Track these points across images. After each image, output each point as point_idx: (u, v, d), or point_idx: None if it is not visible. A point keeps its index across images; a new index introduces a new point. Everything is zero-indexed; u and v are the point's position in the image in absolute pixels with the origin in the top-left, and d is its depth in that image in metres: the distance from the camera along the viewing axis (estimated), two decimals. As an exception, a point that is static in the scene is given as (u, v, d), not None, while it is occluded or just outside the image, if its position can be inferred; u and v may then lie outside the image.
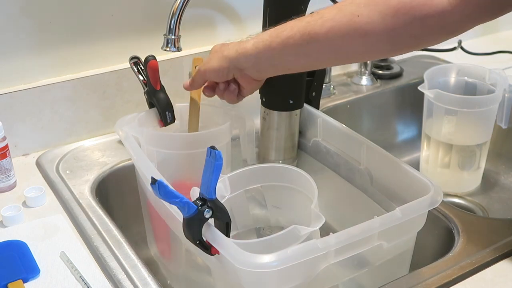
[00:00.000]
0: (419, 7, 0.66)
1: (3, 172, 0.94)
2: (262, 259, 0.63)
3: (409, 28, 0.68)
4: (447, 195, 1.17)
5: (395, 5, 0.67)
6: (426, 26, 0.68)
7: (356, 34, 0.71)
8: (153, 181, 0.62)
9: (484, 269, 0.81)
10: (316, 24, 0.73)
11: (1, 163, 0.93)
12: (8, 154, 0.95)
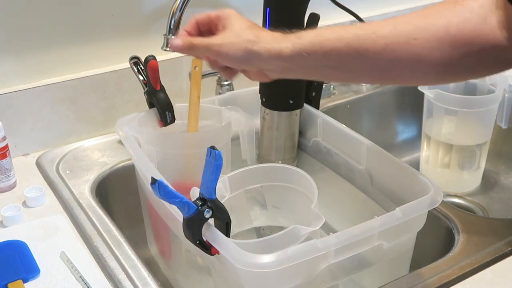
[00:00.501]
0: (477, 39, 0.63)
1: (3, 172, 0.94)
2: (262, 259, 0.63)
3: (465, 60, 0.65)
4: (447, 195, 1.18)
5: (455, 34, 0.64)
6: (481, 59, 0.65)
7: (409, 58, 0.66)
8: (153, 181, 0.62)
9: (484, 269, 0.81)
10: (367, 40, 0.66)
11: (1, 163, 0.93)
12: (8, 154, 0.94)
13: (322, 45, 0.68)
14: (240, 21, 0.73)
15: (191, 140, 0.93)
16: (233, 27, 0.72)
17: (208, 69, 1.13)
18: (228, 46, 0.71)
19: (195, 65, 0.94)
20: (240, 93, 1.08)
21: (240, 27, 0.72)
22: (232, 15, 0.74)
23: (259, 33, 0.71)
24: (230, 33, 0.72)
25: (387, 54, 0.66)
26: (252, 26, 0.73)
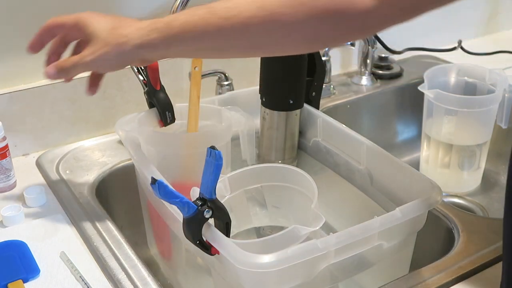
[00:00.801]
0: (343, 9, 0.64)
1: (3, 172, 0.94)
2: (262, 259, 0.63)
3: (333, 30, 0.67)
4: (447, 195, 1.18)
5: (322, 6, 0.65)
6: (350, 28, 0.66)
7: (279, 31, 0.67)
8: (153, 181, 0.62)
9: (484, 269, 0.81)
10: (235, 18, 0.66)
11: (1, 163, 0.93)
12: (8, 154, 0.94)
13: (193, 30, 0.68)
14: (102, 23, 0.74)
15: (191, 140, 0.93)
16: (98, 34, 0.73)
17: (208, 69, 1.14)
18: (102, 56, 0.72)
19: (195, 65, 0.94)
20: (240, 93, 1.08)
21: (104, 30, 0.73)
22: (89, 20, 0.75)
23: (125, 29, 0.72)
24: (97, 41, 0.73)
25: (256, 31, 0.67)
26: (115, 23, 0.73)
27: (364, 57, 1.35)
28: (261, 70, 0.99)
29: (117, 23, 0.73)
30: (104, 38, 0.73)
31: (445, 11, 1.60)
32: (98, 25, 0.74)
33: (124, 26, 0.72)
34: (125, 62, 0.74)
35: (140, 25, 0.71)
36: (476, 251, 0.84)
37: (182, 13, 0.70)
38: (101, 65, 0.75)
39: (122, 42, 0.71)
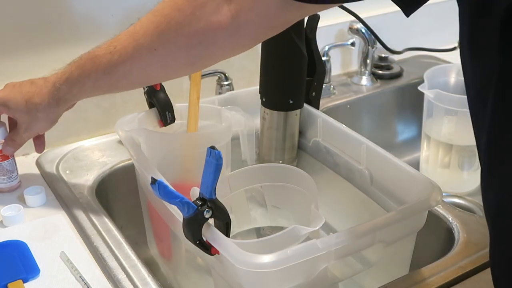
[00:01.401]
0: (209, 31, 0.69)
1: (4, 173, 0.94)
2: (262, 259, 0.63)
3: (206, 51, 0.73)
4: (447, 195, 1.18)
5: (186, 35, 0.70)
6: (220, 47, 0.73)
7: (158, 65, 0.75)
8: (153, 181, 0.62)
9: (484, 269, 0.81)
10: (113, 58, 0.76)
11: (1, 164, 0.93)
12: (10, 156, 0.94)
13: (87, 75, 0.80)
14: (17, 100, 0.86)
15: (191, 140, 0.93)
16: (18, 111, 0.87)
17: (208, 69, 1.14)
18: (34, 127, 0.89)
19: (194, 66, 0.94)
20: (240, 93, 1.08)
21: (21, 106, 0.86)
22: (5, 100, 0.87)
23: (35, 98, 0.85)
24: (22, 117, 0.87)
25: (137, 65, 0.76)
26: (26, 94, 0.85)
27: (364, 57, 1.36)
28: (261, 70, 0.99)
29: (27, 93, 0.85)
30: (25, 113, 0.86)
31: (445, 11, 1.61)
32: (15, 102, 0.86)
33: (34, 95, 0.85)
34: (53, 119, 0.88)
35: (46, 88, 0.84)
36: (476, 251, 0.84)
37: (75, 67, 0.81)
38: (38, 130, 0.90)
39: (41, 110, 0.85)
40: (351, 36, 1.33)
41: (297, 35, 0.94)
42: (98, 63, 0.77)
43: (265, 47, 0.97)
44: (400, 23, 1.45)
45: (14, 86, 0.87)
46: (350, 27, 1.31)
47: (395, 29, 1.42)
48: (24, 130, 0.89)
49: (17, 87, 0.87)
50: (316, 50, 1.02)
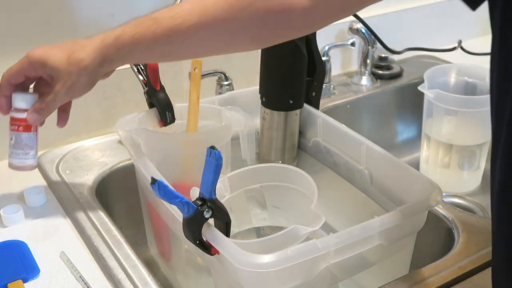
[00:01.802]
0: (282, 10, 0.69)
1: (21, 147, 0.82)
2: (262, 259, 0.63)
3: (277, 29, 0.71)
4: (447, 195, 1.18)
5: (262, 8, 0.69)
6: (291, 26, 0.71)
7: (222, 38, 0.73)
8: (153, 181, 0.62)
9: (484, 269, 0.81)
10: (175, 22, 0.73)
11: (21, 135, 0.82)
12: (33, 129, 0.83)
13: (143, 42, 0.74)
14: (57, 55, 0.77)
15: (191, 140, 0.93)
16: (58, 67, 0.77)
17: (208, 69, 1.14)
18: (72, 86, 0.78)
19: (194, 67, 0.94)
20: (240, 93, 1.08)
21: (62, 61, 0.77)
22: (44, 56, 0.77)
23: (80, 53, 0.77)
24: (61, 74, 0.77)
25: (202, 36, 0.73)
26: (69, 50, 0.77)
27: (364, 57, 1.36)
28: (261, 70, 0.99)
29: (69, 49, 0.77)
30: (66, 69, 0.77)
31: (445, 11, 1.61)
32: (55, 58, 0.77)
33: (77, 50, 0.77)
34: (93, 81, 0.79)
35: (92, 44, 0.77)
36: (476, 251, 0.84)
37: (128, 26, 0.76)
38: (75, 93, 0.79)
39: (83, 66, 0.76)
40: (351, 36, 1.33)
41: (297, 35, 0.94)
42: (156, 25, 0.73)
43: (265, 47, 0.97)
44: (400, 23, 1.46)
45: (53, 45, 0.79)
46: (350, 27, 1.31)
47: (395, 29, 1.42)
48: (58, 92, 0.78)
49: (57, 45, 0.79)
50: (316, 50, 1.02)
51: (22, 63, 0.79)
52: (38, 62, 0.78)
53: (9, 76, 0.80)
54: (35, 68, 0.79)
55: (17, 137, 0.82)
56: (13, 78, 0.80)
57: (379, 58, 1.39)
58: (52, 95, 0.79)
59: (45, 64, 0.77)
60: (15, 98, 0.81)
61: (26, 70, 0.79)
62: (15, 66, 0.80)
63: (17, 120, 0.82)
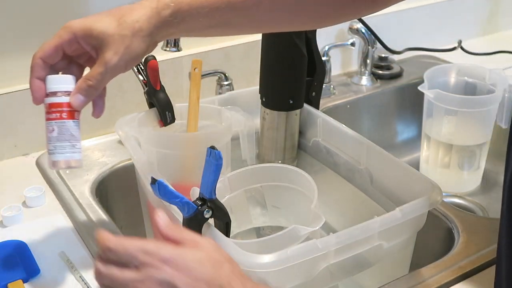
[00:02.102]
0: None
1: (67, 137, 0.68)
2: (262, 259, 0.63)
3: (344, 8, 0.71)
4: (447, 195, 1.18)
5: None
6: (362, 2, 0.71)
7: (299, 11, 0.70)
8: (153, 181, 0.62)
9: (484, 269, 0.81)
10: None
11: (65, 124, 0.69)
12: (76, 117, 0.70)
13: (204, 6, 0.67)
14: (105, 20, 0.66)
15: (191, 140, 0.92)
16: (108, 32, 0.65)
17: (209, 69, 1.14)
18: (127, 51, 0.66)
19: (194, 67, 0.94)
20: (240, 93, 1.08)
21: (112, 25, 0.65)
22: (88, 25, 0.66)
23: (132, 15, 0.65)
24: (112, 39, 0.65)
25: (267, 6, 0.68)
26: (117, 14, 0.66)
27: (364, 57, 1.36)
28: (261, 70, 0.99)
29: (117, 13, 0.66)
30: (118, 32, 0.65)
31: (445, 11, 1.61)
32: (101, 23, 0.65)
33: (128, 13, 0.66)
34: (149, 47, 0.68)
35: (145, 6, 0.66)
36: (476, 251, 0.84)
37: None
38: (130, 60, 0.68)
39: (138, 28, 0.65)
40: (351, 36, 1.33)
41: (297, 35, 0.94)
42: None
43: (265, 47, 0.97)
44: (400, 23, 1.46)
45: (91, 15, 0.68)
46: (350, 27, 1.31)
47: (395, 29, 1.42)
48: (109, 61, 0.66)
49: (102, 12, 0.67)
50: (316, 50, 1.02)
51: (60, 36, 0.66)
52: (82, 30, 0.65)
53: (45, 53, 0.67)
54: (77, 40, 0.66)
55: (61, 127, 0.67)
56: (50, 56, 0.67)
57: (379, 58, 1.39)
58: (101, 66, 0.67)
59: (91, 30, 0.65)
60: (52, 80, 0.68)
61: (66, 43, 0.67)
62: (51, 42, 0.67)
63: (58, 106, 0.68)
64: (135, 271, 0.54)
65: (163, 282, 0.53)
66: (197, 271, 0.54)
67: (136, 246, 0.55)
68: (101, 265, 0.56)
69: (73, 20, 0.67)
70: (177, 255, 0.54)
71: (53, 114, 0.68)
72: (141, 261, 0.54)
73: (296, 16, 0.70)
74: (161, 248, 0.55)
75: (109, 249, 0.55)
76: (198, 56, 1.10)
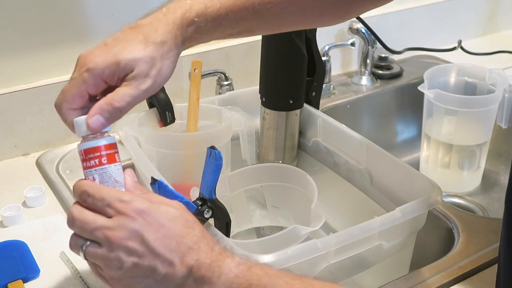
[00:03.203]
0: None
1: (111, 184, 0.59)
2: (262, 259, 0.63)
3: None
4: (447, 195, 1.18)
5: None
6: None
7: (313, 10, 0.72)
8: (153, 181, 0.62)
9: (484, 269, 0.81)
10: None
11: (107, 169, 0.59)
12: (118, 159, 0.61)
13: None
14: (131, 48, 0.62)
15: (191, 140, 0.93)
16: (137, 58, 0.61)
17: (209, 69, 1.14)
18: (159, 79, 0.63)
19: (194, 68, 0.94)
20: (240, 93, 1.08)
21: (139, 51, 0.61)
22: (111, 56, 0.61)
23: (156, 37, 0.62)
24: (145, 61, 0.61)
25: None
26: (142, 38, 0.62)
27: (364, 57, 1.35)
28: (261, 70, 0.99)
29: (141, 32, 0.63)
30: (148, 55, 0.61)
31: (445, 11, 1.61)
32: (128, 51, 0.61)
33: (153, 33, 0.62)
34: (175, 65, 0.66)
35: (167, 23, 0.63)
36: (476, 251, 0.84)
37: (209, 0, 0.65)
38: (161, 83, 0.64)
39: (167, 49, 0.63)
40: (351, 36, 1.33)
41: (297, 35, 0.94)
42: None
43: (265, 47, 0.97)
44: (400, 23, 1.46)
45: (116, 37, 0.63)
46: (350, 27, 1.31)
47: (395, 29, 1.42)
48: (141, 85, 0.62)
49: (121, 34, 0.63)
50: (316, 50, 1.02)
51: (84, 81, 0.60)
52: (108, 67, 0.61)
53: (71, 104, 0.61)
54: (104, 79, 0.61)
55: (103, 174, 0.59)
56: (76, 103, 0.61)
57: (379, 58, 1.39)
58: (133, 88, 0.62)
59: (118, 63, 0.60)
60: (81, 124, 0.60)
61: (91, 88, 0.61)
62: (74, 89, 0.61)
63: (96, 151, 0.59)
64: (108, 219, 0.55)
65: (133, 232, 0.54)
66: (168, 227, 0.55)
67: (112, 195, 0.56)
68: (75, 209, 0.56)
69: (92, 54, 0.61)
70: (151, 209, 0.55)
71: (91, 161, 0.59)
72: (115, 208, 0.55)
73: (319, 16, 0.73)
74: (136, 200, 0.56)
75: (86, 193, 0.56)
76: (198, 56, 1.09)
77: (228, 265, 0.56)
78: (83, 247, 0.56)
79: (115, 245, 0.54)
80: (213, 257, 0.56)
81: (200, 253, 0.55)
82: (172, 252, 0.54)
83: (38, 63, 1.05)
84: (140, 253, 0.54)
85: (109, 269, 0.55)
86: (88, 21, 1.06)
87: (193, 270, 0.55)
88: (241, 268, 0.56)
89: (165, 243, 0.54)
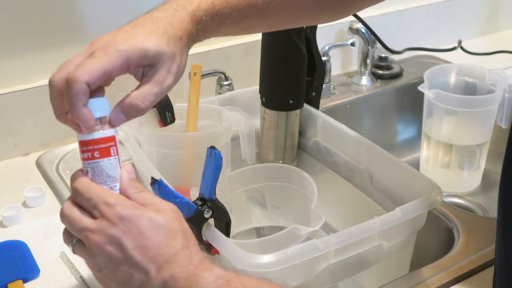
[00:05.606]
0: None
1: (103, 179, 0.57)
2: (262, 259, 0.63)
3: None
4: (447, 195, 1.18)
5: None
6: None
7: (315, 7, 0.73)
8: (153, 181, 0.62)
9: (484, 269, 0.81)
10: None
11: (99, 163, 0.57)
12: (114, 153, 0.58)
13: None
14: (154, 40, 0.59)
15: (191, 140, 0.93)
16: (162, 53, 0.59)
17: (209, 69, 1.14)
18: (178, 74, 0.62)
19: (194, 71, 0.94)
20: (240, 93, 1.08)
21: (163, 45, 0.59)
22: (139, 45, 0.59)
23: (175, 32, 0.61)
24: (167, 60, 0.60)
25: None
26: (163, 32, 0.60)
27: (364, 57, 1.35)
28: (261, 70, 0.99)
29: (160, 26, 0.61)
30: (170, 50, 0.60)
31: (445, 11, 1.61)
32: (154, 42, 0.59)
33: (171, 28, 0.61)
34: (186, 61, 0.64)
35: (183, 19, 0.62)
36: (476, 251, 0.84)
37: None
38: (178, 79, 0.63)
39: (184, 44, 0.62)
40: (351, 36, 1.33)
41: (297, 35, 0.94)
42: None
43: (265, 47, 0.97)
44: (400, 23, 1.46)
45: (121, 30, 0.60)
46: (350, 27, 1.31)
47: (395, 29, 1.42)
48: (164, 82, 0.60)
49: (136, 26, 0.61)
50: (316, 50, 1.02)
51: (112, 60, 0.57)
52: (137, 52, 0.58)
53: (92, 78, 0.56)
54: (129, 64, 0.59)
55: (94, 168, 0.57)
56: (97, 81, 0.57)
57: (379, 58, 1.39)
58: (156, 86, 0.60)
59: (146, 51, 0.58)
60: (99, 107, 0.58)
61: (116, 69, 0.58)
62: (99, 64, 0.57)
63: (89, 144, 0.57)
64: (93, 220, 0.55)
65: (112, 238, 0.53)
66: (148, 237, 0.53)
67: (99, 196, 0.55)
68: (67, 205, 0.57)
69: (115, 38, 0.59)
70: (134, 216, 0.54)
71: (84, 154, 0.57)
72: (99, 211, 0.54)
73: (320, 13, 0.74)
74: (121, 204, 0.54)
75: (76, 190, 0.56)
76: (198, 56, 1.09)
77: (206, 280, 0.54)
78: (73, 243, 0.58)
79: (95, 249, 0.54)
80: (190, 272, 0.54)
81: (176, 268, 0.54)
82: (149, 263, 0.53)
83: (38, 63, 1.05)
84: (117, 260, 0.53)
85: (92, 269, 0.57)
86: (88, 21, 1.06)
87: (168, 284, 0.54)
88: (219, 282, 0.54)
89: (143, 252, 0.53)
